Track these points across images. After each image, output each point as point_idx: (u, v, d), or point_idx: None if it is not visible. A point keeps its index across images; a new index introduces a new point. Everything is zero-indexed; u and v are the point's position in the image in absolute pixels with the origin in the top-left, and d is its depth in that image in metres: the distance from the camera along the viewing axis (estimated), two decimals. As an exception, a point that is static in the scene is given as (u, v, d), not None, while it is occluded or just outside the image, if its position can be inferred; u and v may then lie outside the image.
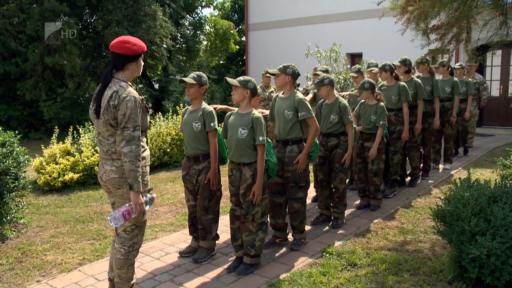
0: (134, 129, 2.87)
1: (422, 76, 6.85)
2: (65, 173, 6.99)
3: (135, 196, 2.91)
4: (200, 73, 4.05)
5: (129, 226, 3.08)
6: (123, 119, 2.86)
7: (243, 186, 3.74)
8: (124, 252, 3.10)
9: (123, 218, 2.87)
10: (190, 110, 4.10)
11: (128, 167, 2.86)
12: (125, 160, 2.86)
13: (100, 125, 2.98)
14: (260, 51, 15.95)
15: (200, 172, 4.00)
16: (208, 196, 4.02)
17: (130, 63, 3.00)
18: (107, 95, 2.92)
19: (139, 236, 3.15)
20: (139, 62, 3.06)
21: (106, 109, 2.90)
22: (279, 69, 4.24)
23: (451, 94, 7.42)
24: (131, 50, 2.96)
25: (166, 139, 8.44)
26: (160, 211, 5.74)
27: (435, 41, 4.51)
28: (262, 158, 3.70)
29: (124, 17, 13.42)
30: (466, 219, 3.20)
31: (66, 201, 6.35)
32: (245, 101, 3.79)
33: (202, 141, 3.98)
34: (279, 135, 4.33)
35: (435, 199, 5.58)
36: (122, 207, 2.92)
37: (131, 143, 2.86)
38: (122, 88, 2.91)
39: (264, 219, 3.90)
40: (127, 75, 3.02)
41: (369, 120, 5.38)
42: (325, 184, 5.01)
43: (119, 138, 2.88)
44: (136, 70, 3.05)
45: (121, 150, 2.87)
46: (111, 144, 2.96)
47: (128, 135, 2.86)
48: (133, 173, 2.86)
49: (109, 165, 3.00)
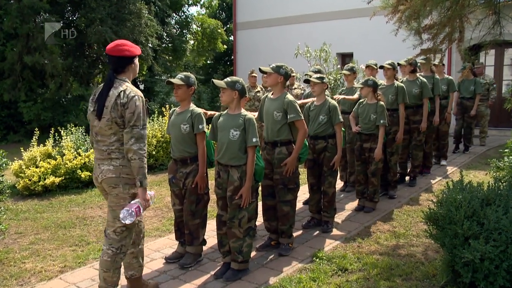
0: (142, 127, 3.05)
1: (424, 75, 7.11)
2: (46, 177, 6.90)
3: (144, 192, 3.07)
4: (188, 74, 4.06)
5: (119, 227, 3.13)
6: (132, 117, 3.02)
7: (230, 189, 3.74)
8: (111, 254, 3.14)
9: (135, 214, 3.00)
10: (178, 112, 4.10)
11: (137, 164, 3.00)
12: (134, 157, 3.00)
13: (101, 124, 3.09)
14: (249, 51, 15.95)
15: (187, 175, 3.99)
16: (196, 200, 4.02)
17: (130, 64, 3.20)
18: (113, 95, 3.06)
19: (128, 238, 3.20)
20: (136, 63, 3.26)
21: (113, 107, 3.04)
22: (272, 68, 4.25)
23: (446, 92, 7.75)
24: (129, 52, 3.15)
25: (152, 141, 8.39)
26: (146, 216, 5.69)
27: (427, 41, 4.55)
28: (252, 160, 3.71)
29: (107, 15, 13.31)
30: (459, 223, 3.22)
31: (47, 206, 6.27)
32: (234, 102, 3.80)
33: (190, 143, 3.99)
34: (267, 137, 4.34)
35: (427, 202, 5.61)
36: (132, 204, 3.04)
37: (140, 141, 3.02)
38: (129, 88, 3.08)
39: (251, 224, 3.90)
40: (128, 76, 3.21)
41: (368, 119, 5.41)
42: (315, 188, 5.02)
43: (127, 136, 3.02)
44: (135, 71, 3.26)
45: (130, 148, 3.00)
46: (112, 142, 3.09)
47: (137, 133, 3.02)
48: (142, 170, 3.01)
49: (106, 165, 3.11)
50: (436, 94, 7.09)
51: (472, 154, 8.94)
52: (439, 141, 7.90)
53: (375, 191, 5.53)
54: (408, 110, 6.37)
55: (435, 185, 6.70)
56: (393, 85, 6.10)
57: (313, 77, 4.84)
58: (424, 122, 6.55)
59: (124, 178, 3.11)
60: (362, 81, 5.54)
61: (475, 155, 8.84)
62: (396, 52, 7.27)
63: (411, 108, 6.48)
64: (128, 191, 3.12)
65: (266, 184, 4.38)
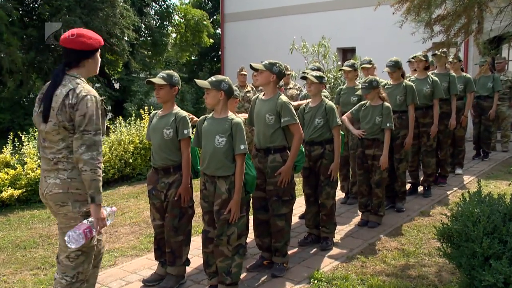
0: (95, 133, 2.90)
1: (438, 72, 7.06)
2: (3, 189, 6.82)
3: (97, 210, 2.91)
4: (171, 72, 4.06)
5: (73, 251, 3.00)
6: (82, 120, 2.87)
7: (218, 202, 3.73)
8: (65, 284, 3.02)
9: (84, 237, 2.86)
10: (160, 115, 4.09)
11: (89, 176, 2.85)
12: (85, 168, 2.85)
13: (48, 129, 2.95)
14: (238, 46, 15.96)
15: (170, 186, 3.98)
16: (178, 214, 4.00)
17: (86, 59, 3.03)
18: (61, 94, 2.91)
19: (85, 264, 3.08)
20: (96, 58, 3.09)
21: (61, 109, 2.89)
22: (265, 65, 4.24)
23: (463, 92, 7.69)
24: (86, 44, 2.98)
25: (128, 147, 8.35)
26: (120, 233, 5.65)
27: (439, 34, 4.55)
28: (241, 170, 3.71)
29: (76, 3, 13.22)
30: (477, 240, 3.20)
31: (3, 223, 6.19)
32: (220, 104, 3.80)
33: (173, 150, 3.98)
34: (259, 143, 4.32)
35: (440, 216, 5.62)
36: (81, 225, 2.89)
37: (92, 149, 2.87)
38: (80, 86, 2.92)
39: (241, 241, 3.89)
40: (83, 73, 3.04)
41: (373, 123, 5.40)
42: (312, 200, 5.01)
43: (77, 143, 2.88)
44: (93, 67, 3.09)
45: (80, 157, 2.85)
46: (60, 150, 2.94)
47: (88, 139, 2.87)
48: (95, 184, 2.87)
49: (52, 178, 2.96)
50: (453, 94, 7.03)
51: (492, 162, 8.93)
52: (454, 147, 7.88)
53: (379, 203, 5.53)
54: (417, 111, 6.35)
55: (451, 197, 6.72)
56: (401, 84, 6.10)
57: (310, 74, 4.84)
58: (435, 126, 6.55)
59: (74, 194, 2.95)
60: (363, 83, 5.47)
61: (496, 163, 8.84)
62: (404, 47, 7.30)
63: (420, 109, 6.48)
64: (79, 209, 2.97)
65: (258, 196, 4.36)
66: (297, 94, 8.08)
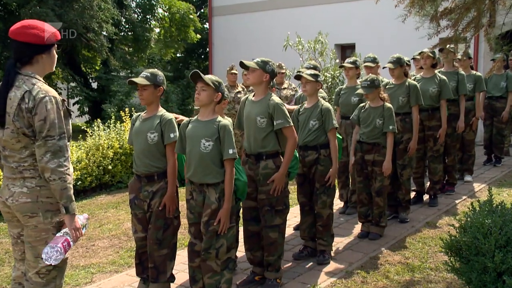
0: (60, 137, 2.84)
1: (445, 71, 7.07)
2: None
3: (72, 220, 2.89)
4: (155, 71, 4.06)
5: (44, 267, 2.95)
6: (43, 125, 2.80)
7: (207, 213, 3.72)
8: None
9: (63, 251, 2.85)
10: (143, 118, 4.09)
11: (58, 186, 2.82)
12: (52, 178, 2.81)
13: (6, 137, 2.88)
14: (228, 42, 15.97)
15: (153, 195, 3.97)
16: (163, 225, 3.99)
17: (40, 54, 2.95)
18: (15, 97, 2.83)
19: (58, 279, 3.04)
20: (52, 54, 3.03)
21: (17, 114, 2.82)
22: (257, 63, 4.25)
23: (472, 91, 7.71)
24: (39, 37, 2.91)
25: (107, 153, 8.30)
26: (98, 246, 5.61)
27: (446, 29, 4.56)
28: (231, 176, 3.71)
29: (48, -7, 13.11)
30: (489, 254, 3.21)
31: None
32: (211, 106, 3.83)
33: (157, 156, 3.98)
34: (249, 148, 4.32)
35: (448, 227, 5.63)
36: (57, 238, 2.87)
37: (58, 155, 2.82)
38: (37, 87, 2.85)
39: (231, 255, 3.89)
40: (38, 71, 2.96)
41: (374, 126, 5.41)
42: (307, 209, 5.01)
43: (40, 150, 2.81)
44: (48, 64, 3.03)
45: (45, 166, 2.80)
46: (23, 158, 2.89)
47: (53, 145, 2.81)
48: (66, 192, 2.83)
49: (18, 187, 2.90)
50: (462, 94, 7.04)
51: (505, 168, 8.93)
52: (463, 152, 7.90)
53: (381, 213, 5.53)
54: (422, 113, 6.37)
55: (459, 206, 6.73)
56: (404, 83, 6.10)
57: (305, 73, 4.85)
58: (443, 129, 6.54)
59: (44, 203, 2.90)
60: (364, 81, 5.47)
61: (509, 169, 8.84)
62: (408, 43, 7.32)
63: (425, 111, 6.50)
64: (50, 220, 2.92)
65: (249, 206, 4.36)
66: (292, 95, 8.08)
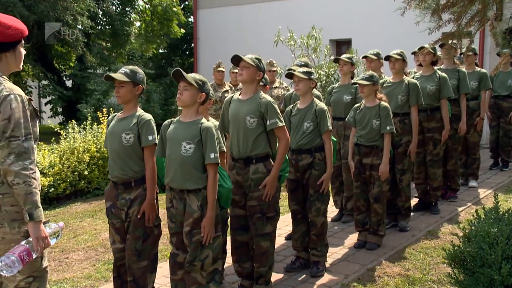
0: (25, 138, 2.86)
1: (445, 68, 7.08)
2: None
3: (36, 228, 2.87)
4: (135, 68, 4.07)
5: (23, 279, 2.95)
6: (7, 125, 2.82)
7: (189, 222, 3.73)
8: None
9: (21, 262, 2.80)
10: (119, 117, 4.08)
11: (22, 190, 2.80)
12: (16, 181, 2.81)
13: None
14: (214, 37, 15.97)
15: (131, 203, 3.97)
16: (142, 235, 3.98)
17: (5, 52, 2.99)
18: None
19: None
20: (18, 51, 3.05)
21: None
22: (252, 59, 4.26)
23: (477, 90, 7.73)
24: (4, 35, 2.93)
25: (83, 157, 8.27)
26: (72, 259, 5.58)
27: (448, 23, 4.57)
28: (214, 182, 3.73)
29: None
30: (495, 265, 3.21)
31: None
32: (195, 107, 3.85)
33: (134, 159, 3.98)
34: (237, 151, 4.32)
35: (451, 237, 5.65)
36: (17, 247, 2.84)
37: (22, 157, 2.83)
38: (1, 85, 2.88)
39: (217, 266, 3.89)
40: (2, 69, 3.00)
41: (371, 127, 5.41)
42: (300, 217, 5.01)
43: (3, 152, 2.82)
44: (14, 62, 3.06)
45: (8, 169, 2.80)
46: None
47: (17, 146, 2.82)
48: (30, 198, 2.82)
49: None
50: (463, 93, 7.04)
51: None
52: (467, 156, 7.91)
53: (379, 221, 5.53)
54: (420, 114, 6.34)
55: (463, 214, 6.76)
56: (403, 82, 6.11)
57: (298, 71, 4.85)
58: (446, 131, 6.54)
59: (9, 212, 2.90)
60: (362, 76, 5.50)
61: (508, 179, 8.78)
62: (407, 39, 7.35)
63: (424, 111, 6.49)
64: (18, 229, 2.92)
65: (237, 214, 4.37)
66: (283, 94, 8.08)
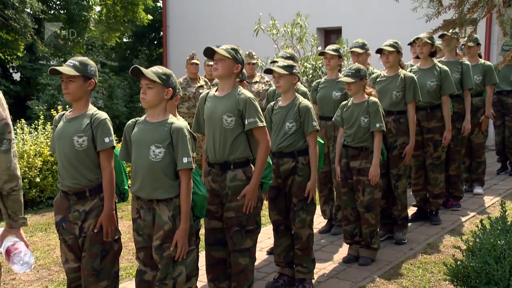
0: None
1: (446, 60, 7.09)
2: None
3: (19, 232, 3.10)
4: (85, 59, 4.04)
5: None
6: None
7: (159, 235, 3.73)
8: None
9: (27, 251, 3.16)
10: (69, 117, 4.06)
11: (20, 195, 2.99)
12: None
13: None
14: (186, 25, 15.94)
15: (86, 216, 3.96)
16: (100, 252, 3.97)
17: None
18: None
19: None
20: None
21: None
22: (227, 50, 4.25)
23: (481, 85, 7.77)
24: None
25: (34, 162, 8.18)
26: (21, 280, 5.53)
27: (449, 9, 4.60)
28: (188, 190, 3.74)
29: None
30: (503, 282, 3.24)
31: None
32: (162, 105, 3.85)
33: (89, 166, 3.97)
34: (213, 156, 4.32)
35: (453, 250, 5.69)
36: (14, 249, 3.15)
37: None
38: None
39: (191, 284, 3.90)
40: None
41: (358, 126, 5.42)
42: (282, 229, 5.02)
43: None
44: None
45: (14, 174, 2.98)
46: None
47: None
48: None
49: None
50: (466, 89, 7.05)
51: None
52: (471, 159, 7.95)
53: (372, 233, 5.55)
54: (419, 113, 6.38)
55: (467, 224, 6.81)
56: (398, 76, 6.10)
57: (276, 65, 4.85)
58: (448, 132, 6.54)
59: None
60: (348, 69, 5.46)
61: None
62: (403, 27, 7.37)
63: (423, 110, 6.51)
64: None
65: (213, 227, 4.36)
66: (265, 89, 8.08)
